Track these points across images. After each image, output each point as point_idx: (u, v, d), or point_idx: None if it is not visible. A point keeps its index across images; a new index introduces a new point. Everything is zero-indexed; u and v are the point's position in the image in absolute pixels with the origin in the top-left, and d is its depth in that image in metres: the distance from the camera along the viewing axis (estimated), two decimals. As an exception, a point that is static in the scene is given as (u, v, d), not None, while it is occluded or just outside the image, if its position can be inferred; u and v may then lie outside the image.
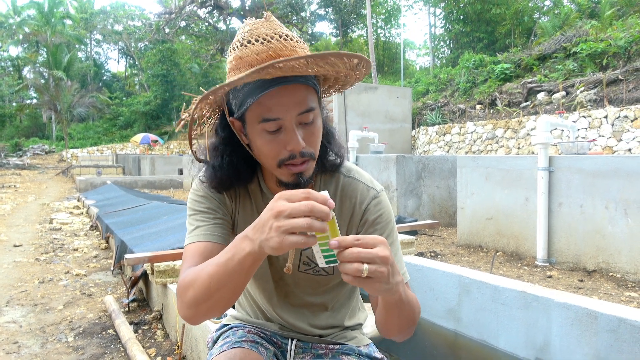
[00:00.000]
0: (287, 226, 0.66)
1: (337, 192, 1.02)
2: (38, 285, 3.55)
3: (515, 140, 11.21)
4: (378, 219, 1.00)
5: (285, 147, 0.86)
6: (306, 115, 0.86)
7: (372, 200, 1.01)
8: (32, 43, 32.02)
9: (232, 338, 1.06)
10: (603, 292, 2.90)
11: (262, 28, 0.86)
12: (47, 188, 13.75)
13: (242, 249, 0.74)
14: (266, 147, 0.87)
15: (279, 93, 0.83)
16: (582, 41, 12.43)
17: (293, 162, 0.88)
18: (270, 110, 0.84)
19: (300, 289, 1.08)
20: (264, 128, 0.86)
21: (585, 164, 3.39)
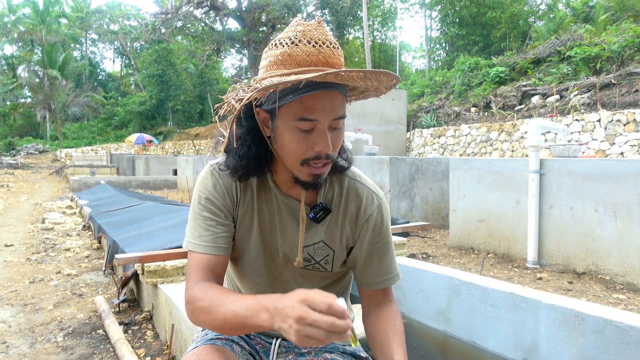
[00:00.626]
0: (306, 333, 0.71)
1: (343, 192, 1.06)
2: (28, 285, 3.53)
3: (509, 143, 11.27)
4: (380, 226, 1.07)
5: (313, 147, 0.90)
6: (338, 122, 0.91)
7: (376, 207, 1.07)
8: (27, 42, 31.87)
9: (209, 335, 1.07)
10: (592, 294, 2.92)
11: (315, 32, 0.89)
12: (40, 188, 13.68)
13: (261, 318, 0.79)
14: (295, 144, 0.90)
15: (321, 96, 0.87)
16: (576, 45, 12.53)
17: (316, 163, 0.91)
18: (310, 111, 0.87)
19: (298, 286, 1.07)
20: (299, 126, 0.88)
21: (575, 167, 3.41)
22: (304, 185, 0.95)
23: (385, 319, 1.07)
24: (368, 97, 1.05)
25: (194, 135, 28.24)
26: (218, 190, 1.01)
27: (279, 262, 1.07)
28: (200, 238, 0.98)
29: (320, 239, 1.05)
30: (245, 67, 33.03)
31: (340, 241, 1.06)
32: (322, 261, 1.06)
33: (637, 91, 9.89)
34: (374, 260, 1.08)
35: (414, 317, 2.97)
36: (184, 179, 12.16)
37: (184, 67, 32.10)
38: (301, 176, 0.94)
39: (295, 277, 1.09)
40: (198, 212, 1.01)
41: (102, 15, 37.99)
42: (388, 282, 1.09)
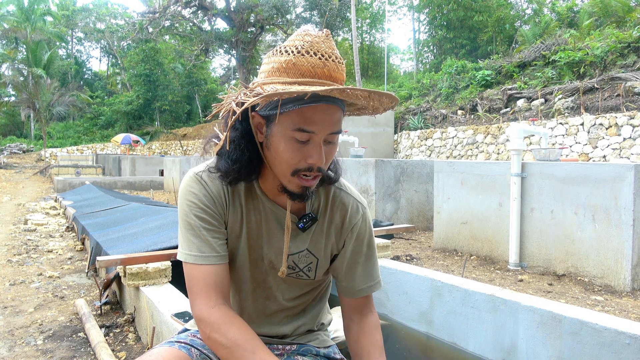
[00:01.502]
0: None
1: (329, 201, 1.07)
2: (9, 287, 3.49)
3: (495, 145, 11.40)
4: (363, 235, 1.09)
5: (306, 158, 0.90)
6: (334, 136, 0.92)
7: (361, 217, 1.09)
8: (11, 39, 31.32)
9: (173, 339, 1.07)
10: (570, 296, 2.97)
11: (322, 44, 0.89)
12: (23, 188, 13.47)
13: None
14: (289, 154, 0.89)
15: (321, 109, 0.87)
16: (560, 50, 12.71)
17: (307, 175, 0.92)
18: (309, 123, 0.87)
19: (281, 292, 1.10)
20: (295, 136, 0.88)
21: (556, 170, 3.47)
22: (290, 195, 0.95)
23: (366, 333, 1.09)
24: (363, 114, 1.05)
25: (182, 135, 28.05)
26: (207, 197, 0.99)
27: (263, 269, 1.07)
28: (200, 249, 0.96)
29: (305, 247, 1.05)
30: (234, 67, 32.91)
31: (325, 249, 1.07)
32: (305, 268, 1.07)
33: (619, 96, 10.07)
34: (358, 268, 1.09)
35: (397, 318, 2.99)
36: (170, 179, 12.08)
37: (171, 66, 31.89)
38: (290, 186, 0.94)
39: (278, 284, 1.09)
40: (191, 223, 0.97)
41: (88, 13, 37.58)
42: (370, 289, 1.10)
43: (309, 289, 1.13)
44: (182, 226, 0.99)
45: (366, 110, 1.01)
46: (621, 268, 3.10)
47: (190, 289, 0.96)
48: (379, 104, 0.93)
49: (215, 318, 0.91)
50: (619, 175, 3.10)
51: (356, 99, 0.86)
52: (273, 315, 1.12)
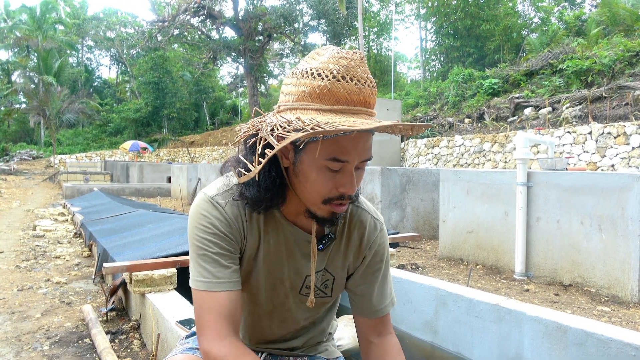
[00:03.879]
0: None
1: (347, 219, 1.04)
2: (17, 292, 3.52)
3: (502, 154, 11.36)
4: (382, 252, 1.08)
5: (338, 187, 0.87)
6: (364, 163, 0.89)
7: (378, 234, 1.07)
8: (22, 47, 31.84)
9: (189, 345, 1.07)
10: (577, 306, 2.95)
11: (358, 68, 0.84)
12: (32, 194, 13.61)
13: None
14: (320, 184, 0.86)
15: (356, 138, 0.84)
16: (568, 58, 12.69)
17: (340, 203, 0.89)
18: (343, 153, 0.83)
19: (300, 313, 1.08)
20: (329, 165, 0.85)
21: (562, 179, 3.46)
22: (320, 221, 0.92)
23: (390, 356, 1.06)
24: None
25: (189, 142, 28.23)
26: (223, 222, 0.94)
27: (282, 291, 1.04)
28: (214, 275, 0.91)
29: (323, 266, 1.04)
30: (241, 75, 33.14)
31: (342, 267, 1.06)
32: (322, 286, 1.06)
33: (628, 104, 10.02)
34: (375, 286, 1.07)
35: (402, 327, 2.98)
36: (177, 186, 12.15)
37: (180, 74, 32.20)
38: (320, 213, 0.91)
39: (298, 306, 1.07)
40: (204, 248, 0.93)
41: (98, 22, 38.07)
42: (387, 308, 1.09)
43: (328, 305, 1.13)
44: (193, 252, 0.94)
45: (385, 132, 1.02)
46: (628, 279, 3.07)
47: (200, 318, 0.90)
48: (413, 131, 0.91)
49: (225, 352, 0.86)
50: (626, 185, 3.09)
51: (398, 131, 0.86)
52: (286, 334, 1.12)
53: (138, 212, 6.01)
